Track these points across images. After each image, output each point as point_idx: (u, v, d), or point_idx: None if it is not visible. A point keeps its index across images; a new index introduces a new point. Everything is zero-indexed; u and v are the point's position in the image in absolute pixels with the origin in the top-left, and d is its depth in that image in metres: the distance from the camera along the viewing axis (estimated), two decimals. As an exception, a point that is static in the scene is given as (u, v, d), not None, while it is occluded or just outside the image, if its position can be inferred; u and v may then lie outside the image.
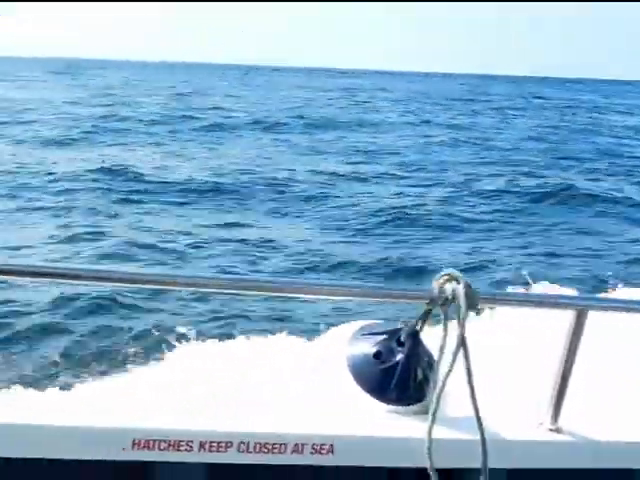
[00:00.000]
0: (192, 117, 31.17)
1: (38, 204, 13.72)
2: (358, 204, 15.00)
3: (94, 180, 16.12)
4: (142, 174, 16.97)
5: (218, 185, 16.26)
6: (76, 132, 24.62)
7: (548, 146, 27.00)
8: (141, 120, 29.30)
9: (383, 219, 13.82)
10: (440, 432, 1.72)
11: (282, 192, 15.84)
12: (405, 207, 14.80)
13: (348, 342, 2.04)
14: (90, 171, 17.04)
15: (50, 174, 16.70)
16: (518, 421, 1.96)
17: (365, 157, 22.34)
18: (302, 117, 32.86)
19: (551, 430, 1.93)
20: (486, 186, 17.65)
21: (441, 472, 1.67)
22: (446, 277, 1.80)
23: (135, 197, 14.76)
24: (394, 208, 14.58)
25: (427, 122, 34.55)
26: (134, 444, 1.68)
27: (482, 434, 1.71)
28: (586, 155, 24.72)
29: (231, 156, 20.96)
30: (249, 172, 18.03)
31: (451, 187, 17.52)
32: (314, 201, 15.34)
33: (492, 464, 1.70)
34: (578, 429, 1.94)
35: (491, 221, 14.25)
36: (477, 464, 1.70)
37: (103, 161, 18.28)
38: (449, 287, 1.78)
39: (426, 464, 1.67)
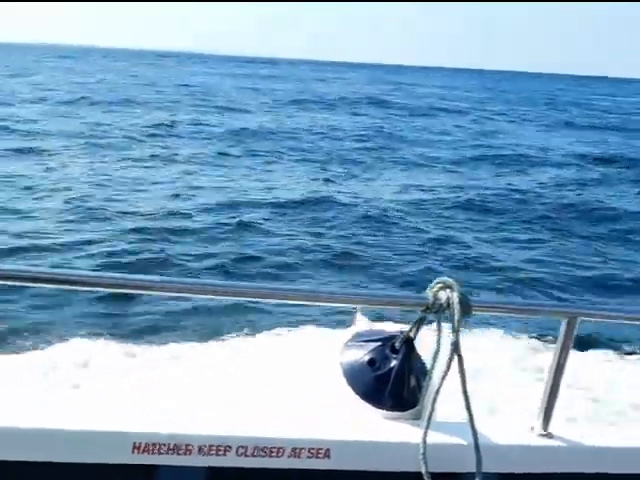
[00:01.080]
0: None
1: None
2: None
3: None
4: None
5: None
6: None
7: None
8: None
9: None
10: (434, 437, 1.76)
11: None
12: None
13: (341, 349, 2.06)
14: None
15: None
16: (509, 426, 2.00)
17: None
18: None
19: (542, 435, 1.96)
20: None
21: (435, 476, 1.70)
22: (440, 285, 1.84)
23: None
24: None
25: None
26: (134, 448, 1.71)
27: (476, 439, 1.74)
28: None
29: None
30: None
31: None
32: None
33: (484, 468, 1.73)
34: (569, 434, 1.98)
35: None
36: (470, 468, 1.74)
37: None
38: (443, 294, 1.82)
39: (420, 468, 1.70)
